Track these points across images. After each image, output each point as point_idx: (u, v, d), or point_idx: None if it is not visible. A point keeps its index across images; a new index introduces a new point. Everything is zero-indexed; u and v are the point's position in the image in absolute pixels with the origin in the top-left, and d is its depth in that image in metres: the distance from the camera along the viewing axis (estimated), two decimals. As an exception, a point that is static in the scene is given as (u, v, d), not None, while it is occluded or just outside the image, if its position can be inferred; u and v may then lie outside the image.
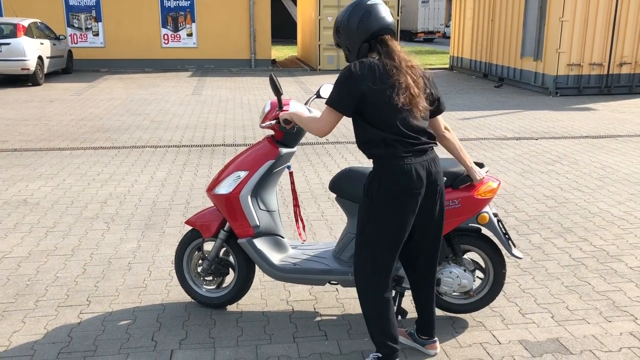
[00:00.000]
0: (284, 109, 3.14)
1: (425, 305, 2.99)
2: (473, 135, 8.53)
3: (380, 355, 2.80)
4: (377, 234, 2.68)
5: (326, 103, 2.66)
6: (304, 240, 3.48)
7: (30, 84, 13.81)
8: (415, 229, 2.78)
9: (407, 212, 2.65)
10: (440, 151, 2.85)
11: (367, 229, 2.70)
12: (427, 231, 2.81)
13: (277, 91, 3.05)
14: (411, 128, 2.62)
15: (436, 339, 3.04)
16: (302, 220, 3.43)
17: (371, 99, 2.58)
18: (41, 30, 14.66)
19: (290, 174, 3.35)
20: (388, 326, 2.76)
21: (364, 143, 2.70)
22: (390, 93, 2.58)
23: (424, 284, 2.96)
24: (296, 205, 3.40)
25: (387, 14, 2.69)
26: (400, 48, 2.70)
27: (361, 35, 2.67)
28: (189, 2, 18.37)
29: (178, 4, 18.36)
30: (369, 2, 2.68)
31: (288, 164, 3.32)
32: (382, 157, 2.63)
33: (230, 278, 3.51)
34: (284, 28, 30.89)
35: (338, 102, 2.62)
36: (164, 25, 18.43)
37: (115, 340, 3.15)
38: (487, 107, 11.11)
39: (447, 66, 19.28)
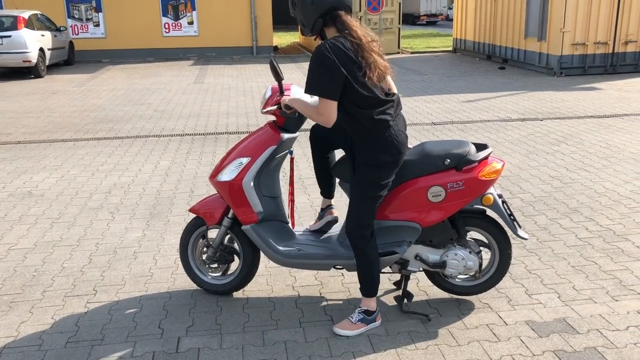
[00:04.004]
0: (285, 94, 3.11)
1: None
2: (477, 117, 8.47)
3: (369, 309, 3.06)
4: (376, 198, 2.93)
5: (318, 95, 2.69)
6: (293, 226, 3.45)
7: (32, 76, 13.80)
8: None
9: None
10: (444, 134, 2.82)
11: (369, 195, 2.92)
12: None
13: (277, 76, 3.02)
14: (385, 94, 2.85)
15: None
16: (292, 211, 3.42)
17: (350, 81, 2.68)
18: (42, 22, 14.61)
19: (291, 160, 3.32)
20: (378, 279, 3.07)
21: (352, 124, 2.85)
22: (363, 72, 2.70)
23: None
24: (291, 193, 3.40)
25: None
26: (356, 23, 2.76)
27: (316, 10, 2.71)
28: (189, -10, 18.27)
29: (178, -8, 18.26)
30: None
31: (290, 149, 3.30)
32: (375, 130, 2.81)
33: (235, 265, 3.51)
34: (285, 14, 30.71)
35: (329, 91, 2.67)
36: (165, 14, 18.34)
37: (122, 328, 3.16)
38: (492, 89, 11.03)
39: (450, 49, 19.12)
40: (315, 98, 3.13)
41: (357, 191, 2.96)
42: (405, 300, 3.28)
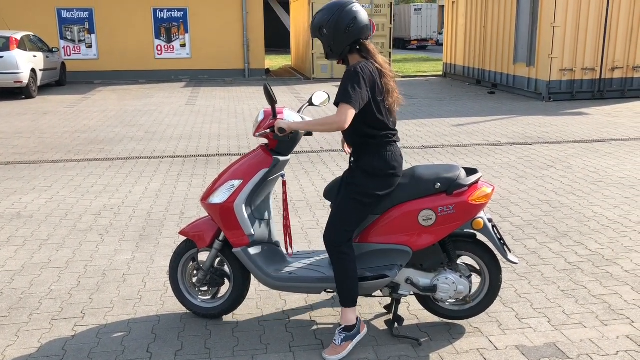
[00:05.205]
0: (278, 117, 3.13)
1: None
2: (467, 141, 8.55)
3: (348, 325, 3.07)
4: (362, 205, 2.99)
5: (344, 102, 2.81)
6: (290, 255, 3.37)
7: (24, 96, 13.79)
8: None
9: None
10: (434, 158, 2.86)
11: (356, 200, 2.99)
12: None
13: (271, 100, 3.05)
14: (393, 122, 3.08)
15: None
16: (290, 236, 3.33)
17: (370, 101, 2.89)
18: (34, 43, 14.65)
19: (284, 183, 3.33)
20: (357, 289, 3.06)
21: (357, 137, 3.02)
22: (383, 95, 2.95)
23: None
24: (286, 217, 3.32)
25: (367, 20, 2.99)
26: (377, 51, 3.03)
27: (348, 38, 2.94)
28: (182, 12, 18.42)
29: (171, 14, 18.41)
30: (354, 9, 2.95)
31: (282, 172, 3.31)
32: (378, 142, 2.99)
33: (225, 288, 3.49)
34: (277, 37, 31.02)
35: (354, 100, 2.81)
36: (157, 36, 18.46)
37: (110, 352, 3.12)
38: (481, 113, 11.15)
39: (440, 73, 19.36)
40: (308, 118, 3.19)
41: (345, 195, 3.02)
42: (396, 325, 3.27)
